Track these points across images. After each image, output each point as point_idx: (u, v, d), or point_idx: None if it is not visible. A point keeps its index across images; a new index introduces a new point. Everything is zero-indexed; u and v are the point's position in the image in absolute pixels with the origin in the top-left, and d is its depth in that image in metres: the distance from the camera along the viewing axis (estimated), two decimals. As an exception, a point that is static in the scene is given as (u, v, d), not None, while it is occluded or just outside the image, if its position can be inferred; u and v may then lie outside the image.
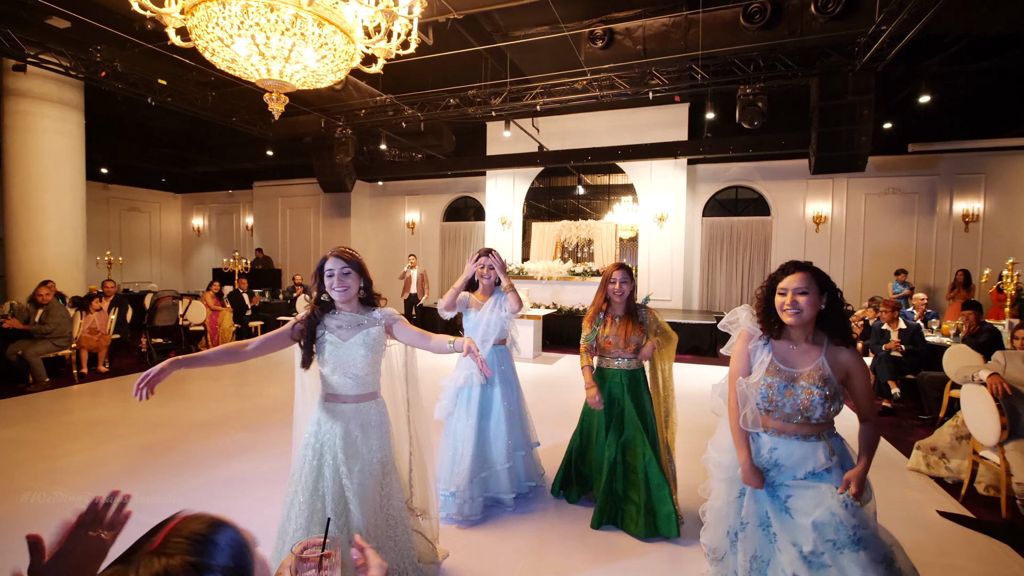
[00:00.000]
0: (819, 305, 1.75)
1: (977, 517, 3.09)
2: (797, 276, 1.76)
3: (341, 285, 1.96)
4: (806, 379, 1.73)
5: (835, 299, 1.76)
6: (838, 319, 1.76)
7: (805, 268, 1.78)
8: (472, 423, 2.99)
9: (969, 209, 9.77)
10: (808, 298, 1.73)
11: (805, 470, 1.74)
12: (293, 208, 15.44)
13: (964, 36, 6.14)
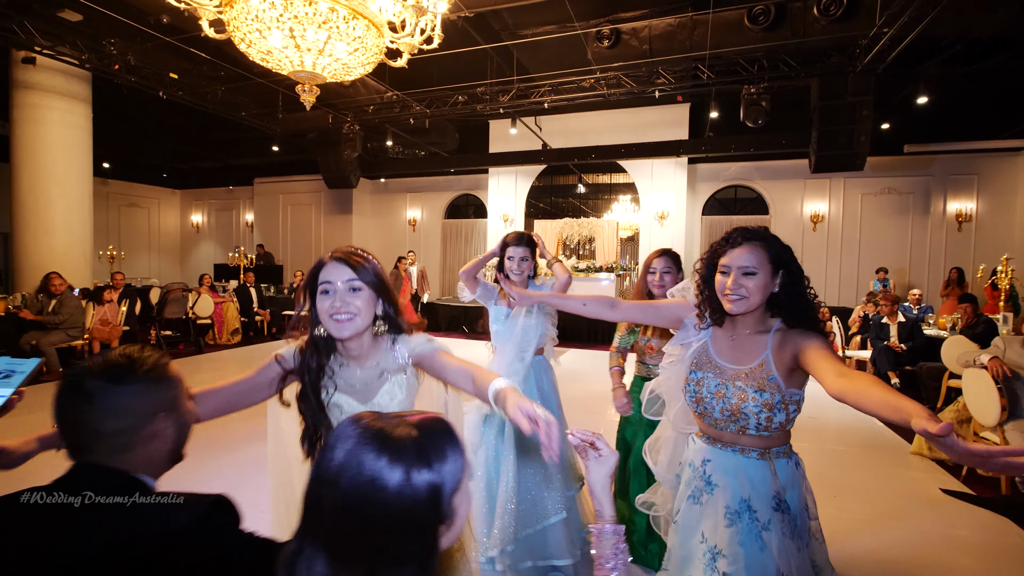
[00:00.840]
0: (771, 287, 1.35)
1: (978, 494, 3.25)
2: (743, 249, 1.35)
3: (345, 310, 1.17)
4: (742, 379, 1.35)
5: (793, 278, 1.35)
6: (797, 304, 1.35)
7: (755, 237, 1.37)
8: (509, 462, 2.17)
9: (962, 209, 10.00)
10: (756, 280, 1.33)
11: (742, 496, 1.34)
12: (294, 205, 15.48)
13: (960, 39, 6.32)
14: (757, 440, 1.35)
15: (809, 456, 1.58)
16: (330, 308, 1.17)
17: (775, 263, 1.35)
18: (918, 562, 2.58)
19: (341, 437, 0.59)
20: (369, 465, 0.56)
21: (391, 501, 0.55)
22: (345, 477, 0.56)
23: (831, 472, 3.60)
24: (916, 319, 5.57)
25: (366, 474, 0.56)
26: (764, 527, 1.30)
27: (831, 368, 1.18)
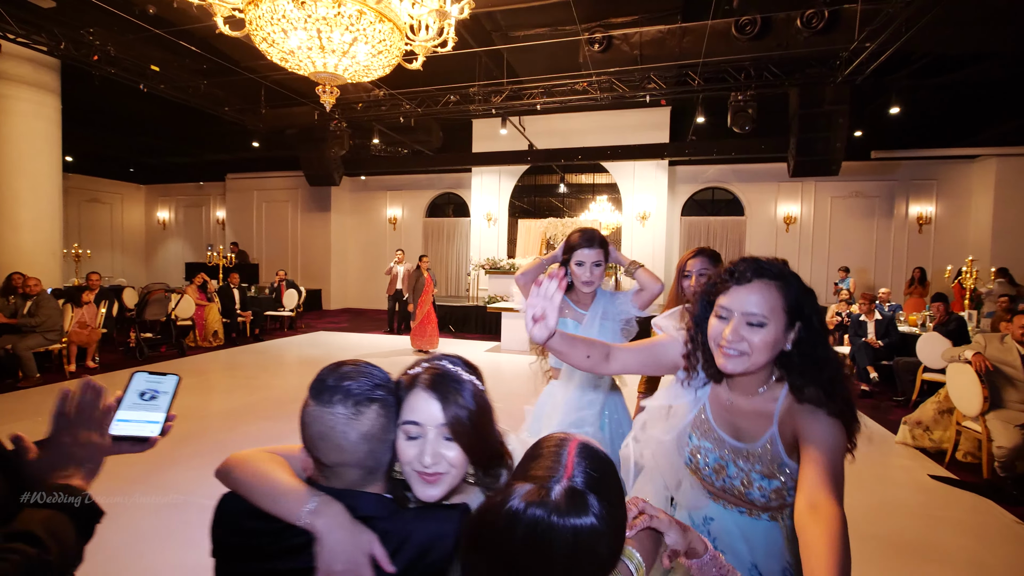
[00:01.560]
0: (782, 343, 1.02)
1: (961, 479, 3.53)
2: (752, 290, 1.02)
3: (433, 474, 0.83)
4: (746, 459, 1.09)
5: (812, 335, 1.02)
6: (812, 370, 1.02)
7: (768, 274, 1.03)
8: None
9: (923, 212, 10.63)
10: (765, 333, 1.00)
11: (751, 561, 1.13)
12: (270, 202, 15.10)
13: (928, 54, 6.74)
14: (762, 507, 1.12)
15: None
16: (419, 463, 0.85)
17: (791, 312, 1.01)
18: (913, 542, 2.81)
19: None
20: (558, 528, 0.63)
21: (568, 552, 0.63)
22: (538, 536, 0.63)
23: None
24: (891, 317, 5.94)
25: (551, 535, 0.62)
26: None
27: (809, 486, 0.91)
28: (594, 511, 0.63)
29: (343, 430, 0.77)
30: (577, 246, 1.98)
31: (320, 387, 0.79)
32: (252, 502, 0.79)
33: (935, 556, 2.69)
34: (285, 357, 7.89)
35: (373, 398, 0.79)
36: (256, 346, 8.49)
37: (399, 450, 0.83)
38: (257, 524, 0.78)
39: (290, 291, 10.32)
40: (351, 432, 0.77)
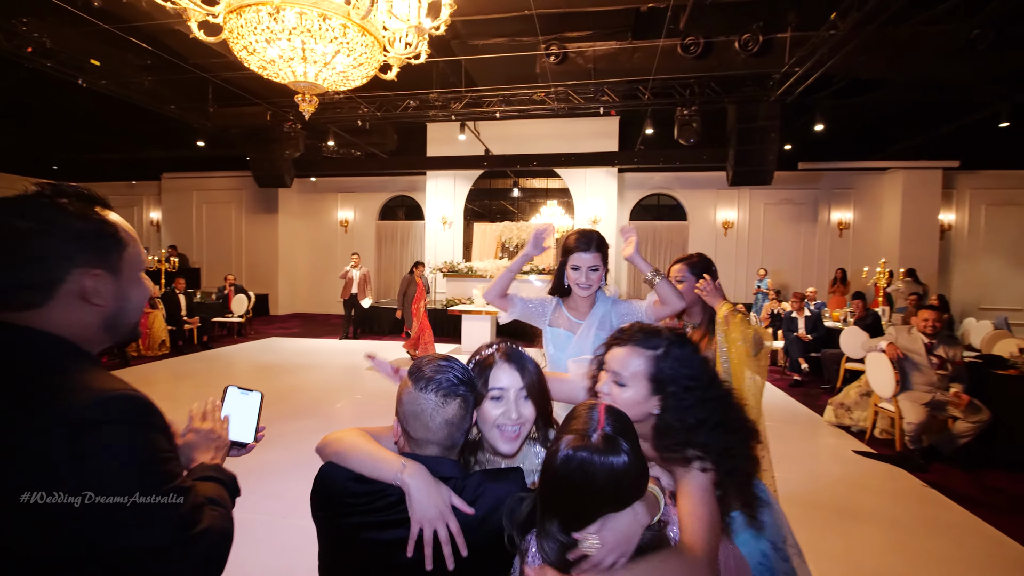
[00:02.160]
0: (649, 408, 1.09)
1: (879, 452, 4.06)
2: (618, 352, 1.11)
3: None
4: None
5: (678, 402, 1.06)
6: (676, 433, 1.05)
7: (633, 340, 1.11)
8: None
9: (843, 218, 11.73)
10: (624, 392, 1.09)
11: None
12: (211, 203, 14.45)
13: (846, 77, 7.53)
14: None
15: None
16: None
17: (655, 381, 1.07)
18: (840, 505, 3.25)
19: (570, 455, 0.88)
20: (595, 465, 0.87)
21: (604, 483, 0.87)
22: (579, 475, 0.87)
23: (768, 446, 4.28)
24: (817, 313, 6.61)
25: (604, 467, 0.87)
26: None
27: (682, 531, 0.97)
28: (624, 451, 0.87)
29: (431, 414, 0.95)
30: (573, 249, 1.86)
31: (418, 375, 0.97)
32: (353, 468, 0.95)
33: (859, 516, 3.14)
34: (237, 364, 7.66)
35: (458, 393, 0.97)
36: (205, 354, 8.18)
37: (484, 413, 1.04)
38: (357, 487, 0.94)
39: (239, 296, 9.98)
40: (437, 416, 0.95)
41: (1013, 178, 11.31)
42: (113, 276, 0.81)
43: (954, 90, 8.03)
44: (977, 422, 3.69)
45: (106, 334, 0.82)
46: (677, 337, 1.10)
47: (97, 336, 0.81)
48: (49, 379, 0.72)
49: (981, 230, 11.57)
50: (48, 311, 0.75)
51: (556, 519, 0.90)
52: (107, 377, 0.77)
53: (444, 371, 0.97)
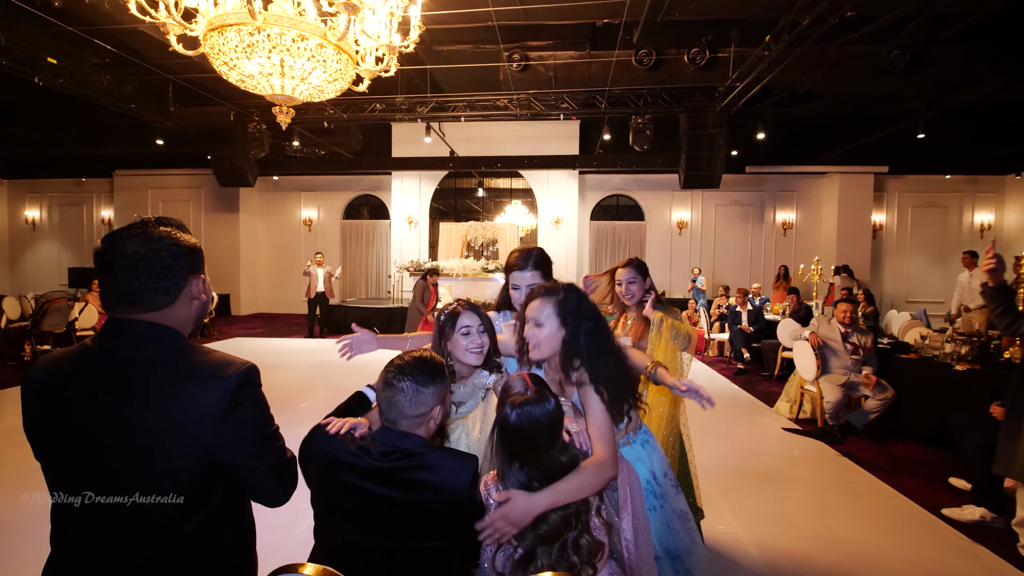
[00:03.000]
0: (560, 339, 1.48)
1: (804, 429, 4.60)
2: (534, 304, 1.51)
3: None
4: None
5: (576, 327, 1.46)
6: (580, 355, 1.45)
7: (543, 294, 1.52)
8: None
9: (786, 219, 12.58)
10: (543, 330, 1.48)
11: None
12: (168, 201, 14.09)
13: (785, 90, 8.18)
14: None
15: (695, 415, 2.43)
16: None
17: (561, 314, 1.48)
18: (771, 474, 3.72)
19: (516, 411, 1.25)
20: (537, 413, 1.24)
21: (547, 424, 1.24)
22: (538, 419, 1.23)
23: (710, 424, 4.75)
24: (759, 307, 7.21)
25: (539, 414, 1.24)
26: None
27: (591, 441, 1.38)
28: (550, 397, 1.27)
29: (404, 401, 1.20)
30: (512, 267, 1.93)
31: (400, 367, 1.23)
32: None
33: (786, 482, 3.62)
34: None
35: (429, 383, 1.22)
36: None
37: (456, 343, 1.58)
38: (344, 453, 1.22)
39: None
40: (409, 403, 1.20)
41: (934, 182, 12.43)
42: (206, 278, 1.11)
43: (880, 102, 8.84)
44: (884, 399, 4.25)
45: (195, 324, 1.12)
46: (571, 285, 1.55)
47: (191, 326, 1.10)
48: (199, 357, 1.03)
49: (908, 230, 12.66)
50: (173, 309, 1.04)
51: (516, 461, 1.24)
52: (222, 354, 1.08)
53: (421, 366, 1.23)
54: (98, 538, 0.98)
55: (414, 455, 1.18)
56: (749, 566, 2.56)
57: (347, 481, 1.19)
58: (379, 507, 1.17)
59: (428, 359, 1.25)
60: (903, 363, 4.49)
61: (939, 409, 4.04)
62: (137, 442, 0.96)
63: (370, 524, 1.18)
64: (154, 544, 0.98)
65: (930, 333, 5.09)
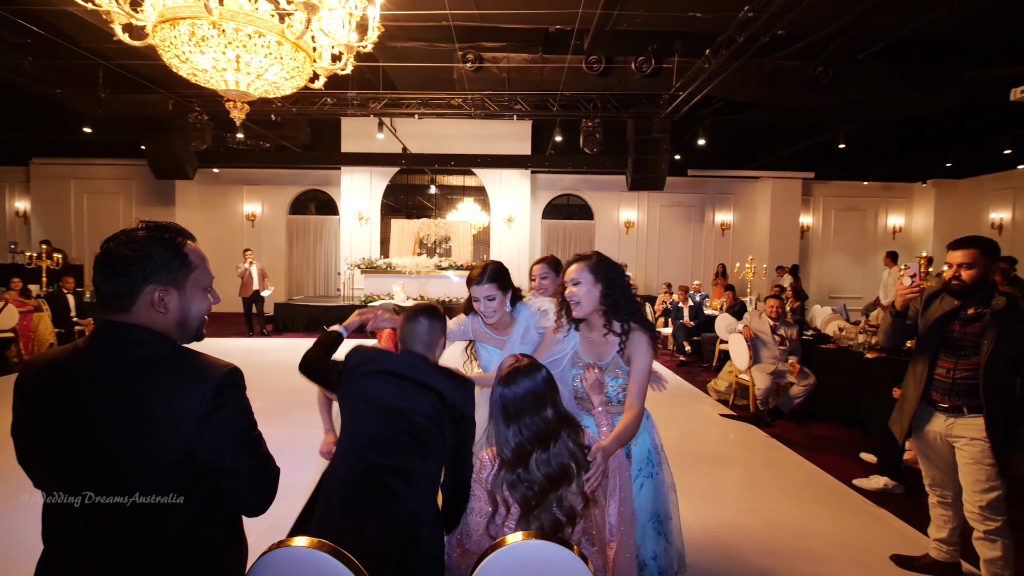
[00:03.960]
0: (597, 294, 1.84)
1: (738, 415, 5.01)
2: (570, 269, 1.89)
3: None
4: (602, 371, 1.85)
5: (611, 282, 1.84)
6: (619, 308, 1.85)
7: (575, 260, 1.90)
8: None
9: (724, 220, 13.35)
10: (580, 287, 1.84)
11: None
12: (93, 193, 13.18)
13: (723, 99, 8.72)
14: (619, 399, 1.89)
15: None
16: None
17: (597, 276, 1.84)
18: (709, 455, 4.06)
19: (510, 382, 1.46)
20: (531, 377, 1.44)
21: (547, 379, 1.45)
22: (529, 387, 1.43)
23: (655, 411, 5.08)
24: (699, 303, 7.68)
25: (532, 381, 1.45)
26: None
27: (628, 396, 1.78)
28: (540, 366, 1.48)
29: (420, 331, 1.59)
30: (471, 282, 2.12)
31: (415, 310, 1.57)
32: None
33: (722, 462, 3.96)
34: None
35: (437, 318, 1.64)
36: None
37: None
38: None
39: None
40: (423, 332, 1.60)
41: (853, 188, 13.57)
42: (178, 291, 1.08)
43: (808, 114, 9.58)
44: (806, 386, 4.71)
45: (180, 333, 1.11)
46: (598, 252, 1.92)
47: (176, 334, 1.10)
48: (185, 360, 1.06)
49: (831, 231, 13.75)
50: (143, 314, 1.05)
51: (511, 423, 1.44)
52: (211, 357, 1.10)
53: (430, 309, 1.66)
54: (89, 534, 1.01)
55: (424, 369, 1.54)
56: (693, 540, 2.82)
57: (381, 375, 1.52)
58: (401, 391, 1.50)
59: (433, 306, 1.67)
60: (823, 352, 4.98)
61: (853, 393, 4.52)
62: (124, 441, 0.99)
63: (393, 401, 1.50)
64: (144, 539, 1.01)
65: (846, 325, 5.64)
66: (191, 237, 1.14)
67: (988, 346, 2.16)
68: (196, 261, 1.11)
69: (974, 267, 2.17)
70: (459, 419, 1.49)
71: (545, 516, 1.37)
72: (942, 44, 7.59)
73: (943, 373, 2.31)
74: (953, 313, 2.28)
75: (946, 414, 2.31)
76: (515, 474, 1.41)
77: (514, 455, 1.42)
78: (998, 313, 2.15)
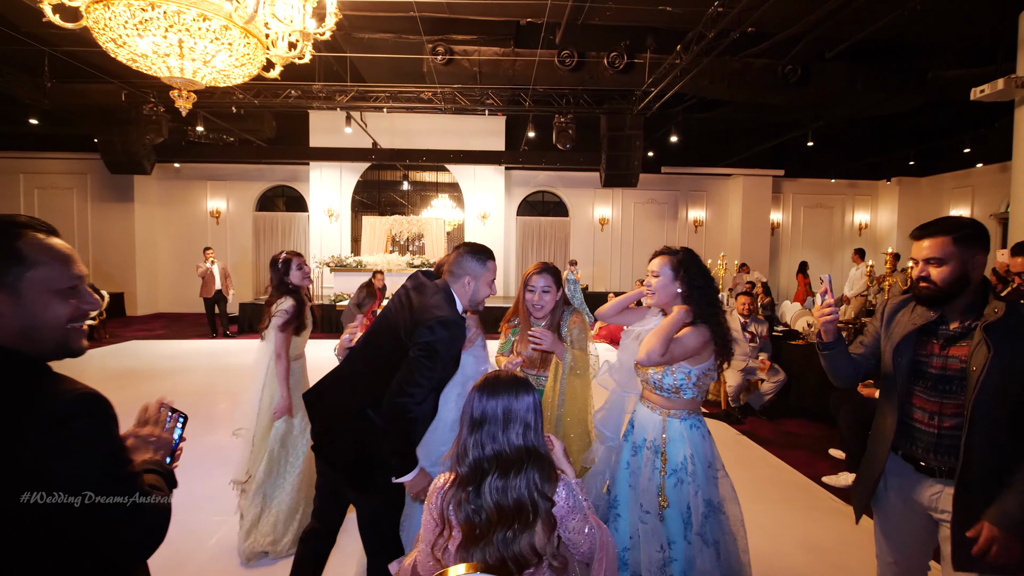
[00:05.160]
0: (675, 288, 1.90)
1: (709, 411, 5.00)
2: (654, 260, 1.96)
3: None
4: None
5: (691, 276, 1.89)
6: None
7: (662, 252, 1.96)
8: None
9: (698, 216, 13.47)
10: (658, 280, 1.92)
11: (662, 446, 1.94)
12: (45, 188, 12.51)
13: (695, 96, 8.75)
14: (677, 391, 1.91)
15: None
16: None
17: (673, 270, 1.90)
18: (681, 457, 4.01)
19: (488, 387, 1.33)
20: (512, 391, 1.30)
21: (526, 399, 1.30)
22: (505, 399, 1.30)
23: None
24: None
25: (512, 394, 1.31)
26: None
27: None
28: (530, 390, 1.34)
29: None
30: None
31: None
32: None
33: (691, 463, 3.91)
34: (88, 372, 6.91)
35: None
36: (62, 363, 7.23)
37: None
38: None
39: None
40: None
41: (821, 185, 13.85)
42: (11, 295, 0.88)
43: (777, 112, 9.70)
44: (777, 382, 4.72)
45: (31, 345, 0.90)
46: (687, 248, 1.96)
47: (25, 346, 0.90)
48: (21, 383, 0.87)
49: (800, 227, 14.02)
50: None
51: (477, 434, 1.30)
52: (68, 379, 0.91)
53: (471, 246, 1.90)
54: None
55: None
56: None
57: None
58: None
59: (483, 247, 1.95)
60: (793, 349, 5.00)
61: (822, 388, 4.54)
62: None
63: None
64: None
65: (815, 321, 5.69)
66: (43, 228, 0.94)
67: (977, 376, 1.44)
68: (38, 257, 0.90)
69: (947, 262, 1.50)
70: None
71: (490, 551, 1.24)
72: (906, 44, 7.75)
73: (923, 419, 1.58)
74: (928, 329, 1.59)
75: (933, 479, 1.57)
76: (465, 491, 1.29)
77: (470, 470, 1.29)
78: (992, 327, 1.45)
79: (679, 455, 1.87)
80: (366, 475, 1.75)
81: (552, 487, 1.30)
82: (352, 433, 1.76)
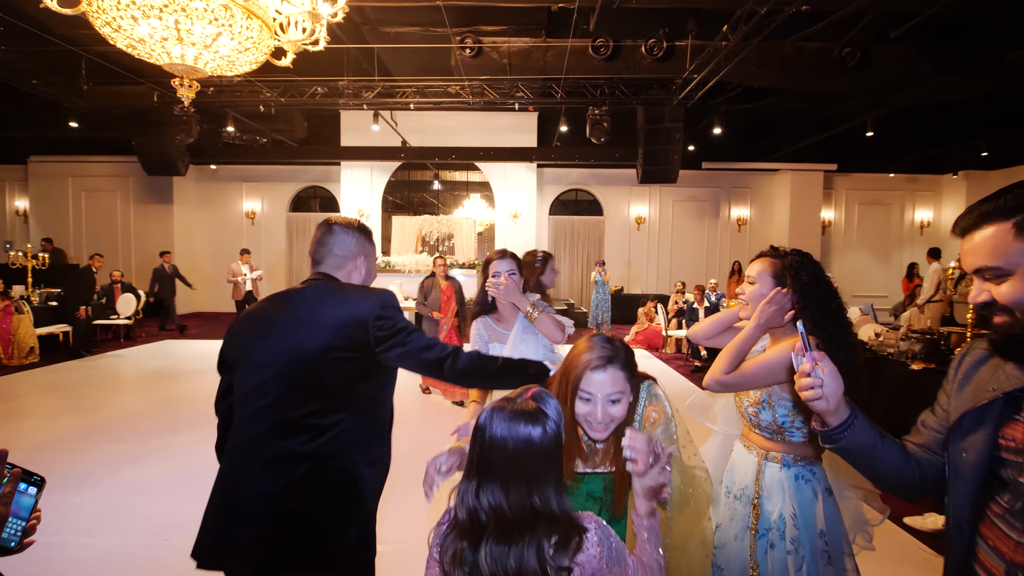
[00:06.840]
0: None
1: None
2: (754, 264, 1.57)
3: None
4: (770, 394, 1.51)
5: (798, 281, 1.45)
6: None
7: (765, 253, 1.56)
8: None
9: (741, 215, 12.72)
10: (754, 288, 1.53)
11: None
12: (91, 191, 12.91)
13: (740, 85, 8.14)
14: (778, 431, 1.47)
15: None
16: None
17: (776, 279, 1.49)
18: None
19: (495, 418, 0.93)
20: (522, 430, 0.92)
21: (538, 446, 0.92)
22: (510, 440, 0.92)
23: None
24: (716, 304, 7.13)
25: (522, 435, 0.92)
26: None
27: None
28: (553, 423, 0.95)
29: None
30: (489, 260, 2.07)
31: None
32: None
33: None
34: (122, 372, 6.95)
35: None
36: (81, 361, 7.33)
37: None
38: None
39: (126, 296, 9.02)
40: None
41: (879, 180, 12.85)
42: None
43: (830, 100, 8.95)
44: (841, 400, 4.15)
45: None
46: (797, 251, 1.53)
47: None
48: None
49: (854, 226, 13.06)
50: None
51: (476, 480, 0.95)
52: None
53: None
54: None
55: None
56: None
57: None
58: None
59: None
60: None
61: (896, 409, 3.97)
62: None
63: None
64: None
65: (884, 331, 5.07)
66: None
67: None
68: None
69: (1014, 269, 0.81)
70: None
71: None
72: (980, 20, 6.94)
73: (995, 567, 0.84)
74: (1017, 400, 0.84)
75: None
76: (460, 545, 0.94)
77: (469, 519, 0.93)
78: None
79: (774, 511, 1.44)
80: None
81: (572, 554, 0.92)
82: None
